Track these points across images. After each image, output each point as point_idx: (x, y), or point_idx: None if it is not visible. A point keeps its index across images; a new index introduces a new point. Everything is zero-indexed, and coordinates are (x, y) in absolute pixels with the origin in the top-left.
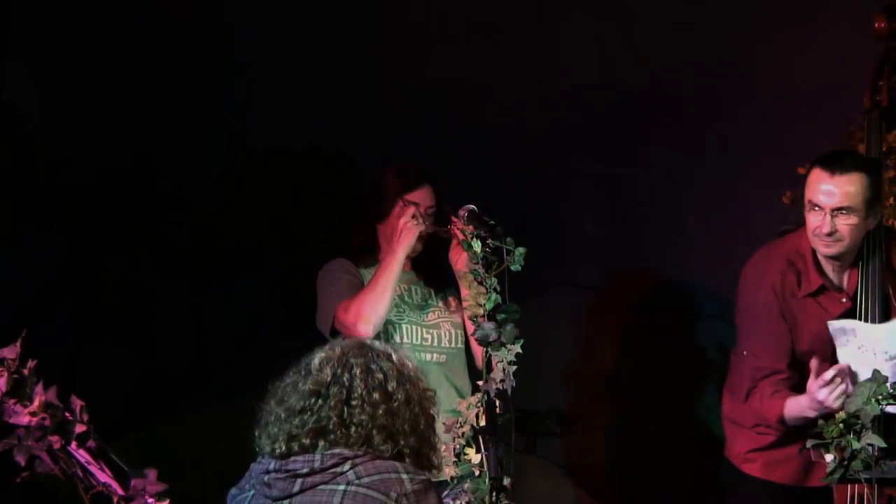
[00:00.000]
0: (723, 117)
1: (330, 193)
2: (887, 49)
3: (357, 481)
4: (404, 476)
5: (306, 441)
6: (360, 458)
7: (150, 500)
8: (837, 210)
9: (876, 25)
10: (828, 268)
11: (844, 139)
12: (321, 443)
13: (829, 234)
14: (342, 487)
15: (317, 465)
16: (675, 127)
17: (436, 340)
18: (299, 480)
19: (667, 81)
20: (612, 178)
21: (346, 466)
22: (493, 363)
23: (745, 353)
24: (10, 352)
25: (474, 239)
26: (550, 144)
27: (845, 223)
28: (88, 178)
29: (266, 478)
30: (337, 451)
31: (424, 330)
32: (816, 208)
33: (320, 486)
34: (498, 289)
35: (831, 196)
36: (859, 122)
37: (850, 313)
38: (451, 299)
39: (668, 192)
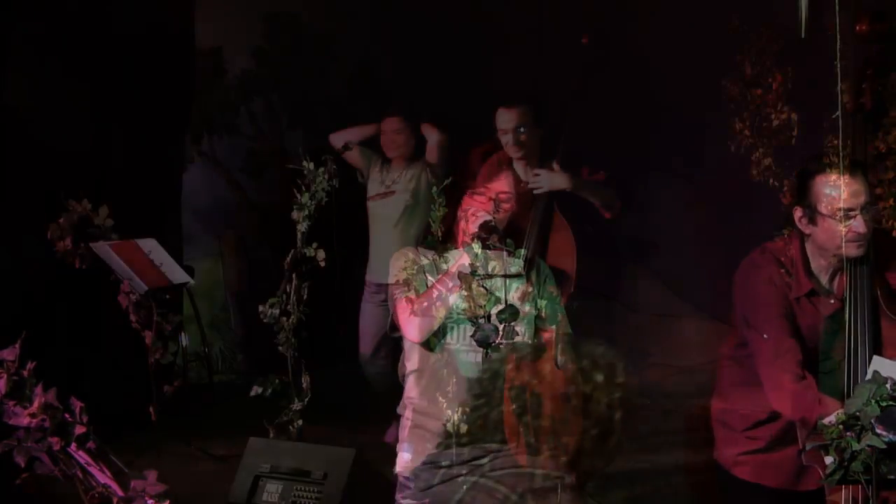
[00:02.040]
0: (723, 118)
1: (329, 193)
2: (869, 51)
3: (490, 473)
4: (537, 473)
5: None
6: (503, 452)
7: (149, 502)
8: (864, 207)
9: (857, 28)
10: (821, 273)
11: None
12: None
13: (863, 233)
14: (473, 479)
15: (462, 458)
16: (673, 128)
17: None
18: (441, 471)
19: (668, 82)
20: (612, 179)
21: (486, 459)
22: None
23: (765, 336)
24: (10, 353)
25: (474, 241)
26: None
27: (869, 218)
28: (87, 179)
29: (416, 469)
30: (487, 444)
31: None
32: (850, 212)
33: (458, 478)
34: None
35: (859, 195)
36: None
37: (840, 313)
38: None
39: (668, 194)
